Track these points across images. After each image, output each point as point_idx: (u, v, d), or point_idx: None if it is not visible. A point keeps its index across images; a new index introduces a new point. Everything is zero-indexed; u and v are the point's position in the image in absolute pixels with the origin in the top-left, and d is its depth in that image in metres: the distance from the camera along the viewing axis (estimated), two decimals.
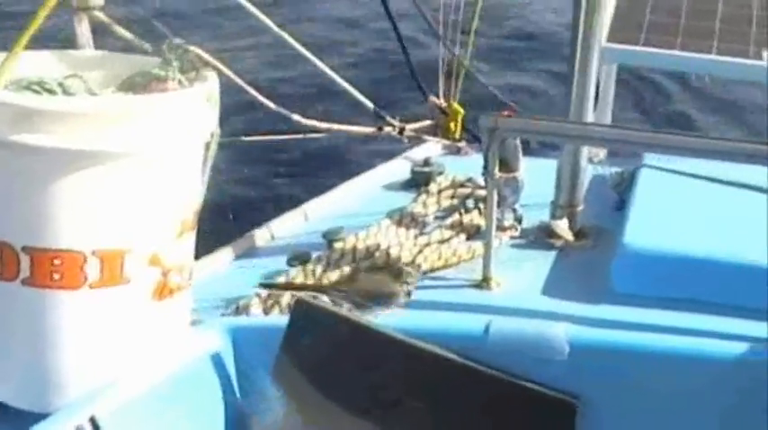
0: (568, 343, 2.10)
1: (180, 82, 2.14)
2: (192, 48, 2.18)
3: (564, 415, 2.07)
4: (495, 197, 2.58)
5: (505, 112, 2.53)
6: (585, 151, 2.93)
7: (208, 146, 2.15)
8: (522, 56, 8.91)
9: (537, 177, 2.97)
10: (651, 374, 2.10)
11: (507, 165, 2.67)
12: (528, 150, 3.39)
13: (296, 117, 3.07)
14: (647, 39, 3.97)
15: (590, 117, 2.89)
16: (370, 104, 3.53)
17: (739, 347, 2.13)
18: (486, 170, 2.50)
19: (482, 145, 2.53)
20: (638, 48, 3.91)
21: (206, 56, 2.20)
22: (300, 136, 3.26)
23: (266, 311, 2.48)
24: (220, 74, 2.20)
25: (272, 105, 2.94)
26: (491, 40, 8.19)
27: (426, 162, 3.44)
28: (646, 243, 2.57)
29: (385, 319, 2.26)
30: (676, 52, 3.91)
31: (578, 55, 2.83)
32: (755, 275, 2.45)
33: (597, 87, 3.07)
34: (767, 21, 4.05)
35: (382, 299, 2.32)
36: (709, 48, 3.91)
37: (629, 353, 2.13)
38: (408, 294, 2.33)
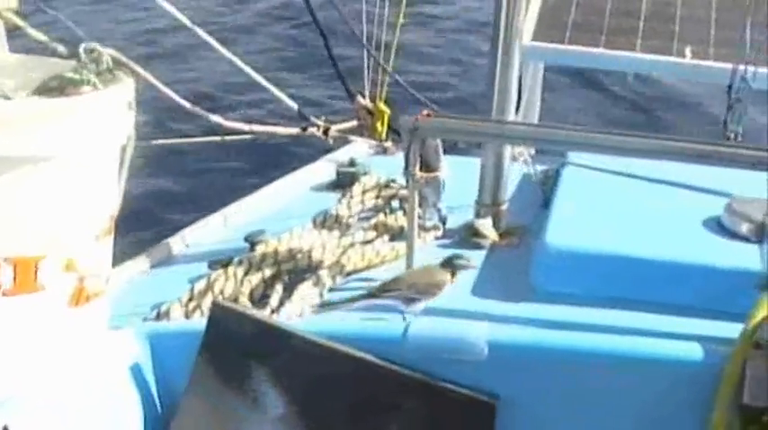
0: (487, 343, 2.14)
1: (95, 85, 2.15)
2: (107, 50, 2.19)
3: (483, 415, 2.11)
4: (417, 197, 2.63)
5: (425, 113, 2.58)
6: (509, 150, 2.99)
7: (124, 149, 2.17)
8: (451, 54, 9.00)
9: (465, 176, 3.03)
10: (570, 373, 2.14)
11: (428, 166, 2.72)
12: (458, 149, 3.46)
13: (216, 118, 3.09)
14: (571, 37, 4.06)
15: (512, 116, 2.95)
16: (293, 105, 3.56)
17: (658, 345, 2.19)
18: (407, 170, 2.55)
19: (402, 145, 2.59)
20: (562, 46, 4.01)
21: (122, 58, 2.22)
22: (220, 138, 3.27)
23: (188, 316, 2.50)
24: (137, 76, 2.22)
25: (190, 107, 2.95)
26: (418, 38, 8.27)
27: (351, 162, 3.49)
28: (566, 241, 2.63)
29: (305, 322, 2.30)
30: (600, 50, 4.01)
31: (499, 54, 2.88)
32: (674, 272, 2.53)
33: (520, 86, 3.13)
34: (690, 18, 4.16)
35: (431, 289, 2.41)
36: (633, 45, 4.01)
37: (547, 352, 2.17)
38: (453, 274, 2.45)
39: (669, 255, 2.57)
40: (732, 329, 2.11)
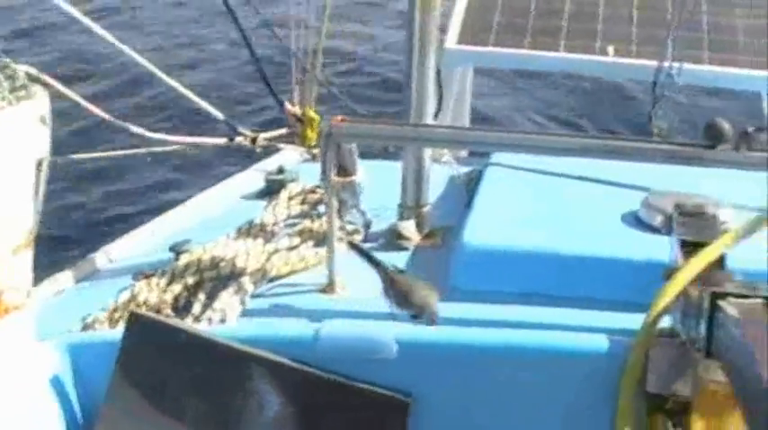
0: (396, 342, 2.21)
1: (10, 101, 2.19)
2: (21, 66, 2.24)
3: (395, 413, 2.16)
4: (335, 202, 2.69)
5: (339, 118, 2.64)
6: (428, 152, 3.05)
7: (40, 164, 2.22)
8: (383, 58, 9.08)
9: (391, 180, 3.10)
10: (480, 369, 2.20)
11: (345, 170, 2.79)
12: (389, 154, 3.52)
13: (139, 130, 3.12)
14: (496, 40, 4.16)
15: (430, 118, 3.02)
16: (219, 115, 3.61)
17: (566, 338, 2.26)
18: (323, 176, 2.62)
19: (319, 151, 2.65)
20: (486, 49, 4.10)
21: (36, 72, 2.26)
22: (146, 150, 3.31)
23: (112, 326, 2.55)
24: (54, 90, 2.26)
25: (112, 119, 2.98)
26: (347, 43, 8.32)
27: (280, 170, 3.54)
28: (483, 239, 2.70)
29: (221, 328, 2.36)
30: (525, 51, 4.10)
31: (415, 57, 2.93)
32: (590, 266, 2.61)
33: (441, 89, 3.19)
34: (613, 17, 4.27)
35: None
36: (557, 46, 4.11)
37: (457, 349, 2.23)
38: None
39: (585, 250, 2.65)
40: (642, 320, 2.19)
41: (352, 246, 2.71)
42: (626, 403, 2.09)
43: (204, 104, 3.46)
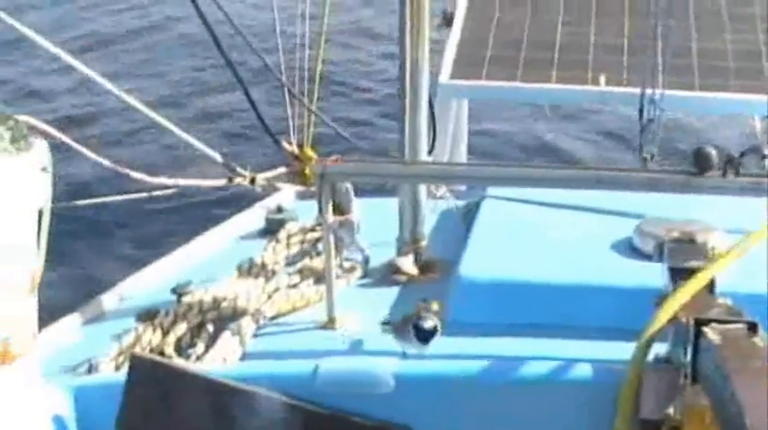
0: (393, 376, 2.27)
1: (11, 152, 2.26)
2: (21, 117, 2.31)
3: None
4: (332, 240, 2.76)
5: (333, 158, 2.71)
6: (424, 187, 3.12)
7: (41, 212, 2.28)
8: (376, 96, 9.14)
9: (389, 216, 3.16)
10: (477, 400, 2.27)
11: (341, 209, 2.86)
12: (385, 189, 3.58)
13: (138, 175, 3.16)
14: (488, 73, 4.23)
15: (424, 155, 3.08)
16: (218, 157, 3.66)
17: (563, 368, 2.32)
18: (320, 215, 2.69)
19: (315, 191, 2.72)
20: (479, 83, 4.17)
21: (36, 122, 2.33)
22: (147, 194, 3.36)
23: (117, 369, 2.61)
24: (53, 138, 2.33)
25: (111, 165, 3.03)
26: (342, 82, 8.38)
27: (279, 209, 3.61)
28: (479, 272, 2.76)
29: (221, 367, 2.42)
30: (517, 84, 4.18)
31: (407, 95, 3.00)
32: (586, 296, 2.66)
33: (434, 125, 3.27)
34: (603, 46, 4.35)
35: None
36: (548, 77, 4.19)
37: (453, 381, 2.30)
38: None
39: (581, 280, 2.70)
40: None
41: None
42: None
43: (201, 146, 3.50)
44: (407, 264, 3.05)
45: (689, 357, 1.96)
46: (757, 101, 4.12)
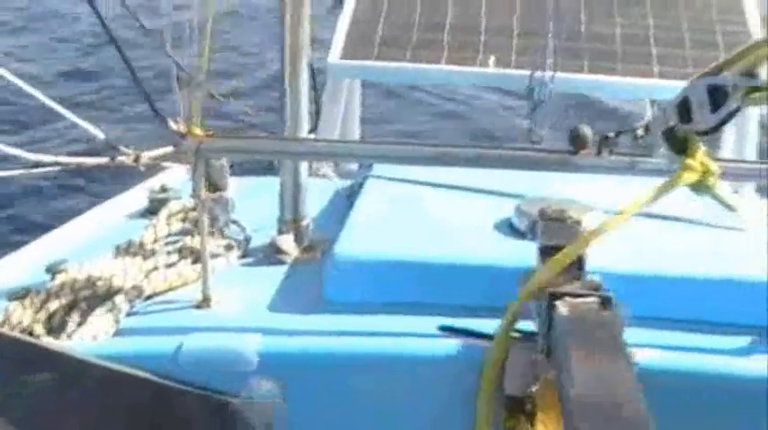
0: (257, 354, 2.30)
1: None
2: None
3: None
4: (206, 218, 2.76)
5: (208, 133, 2.72)
6: (305, 166, 3.14)
7: None
8: (268, 72, 9.10)
9: (272, 195, 3.17)
10: (341, 377, 2.31)
11: (215, 185, 2.87)
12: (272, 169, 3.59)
13: (16, 151, 3.12)
14: (379, 53, 4.27)
15: (304, 133, 3.10)
16: (100, 134, 3.63)
17: (435, 345, 2.36)
18: (194, 192, 2.70)
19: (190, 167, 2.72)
20: (368, 63, 4.21)
21: None
22: (26, 170, 3.30)
23: None
24: None
25: None
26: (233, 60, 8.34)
27: (163, 188, 3.60)
28: (354, 250, 2.79)
29: (92, 345, 2.42)
30: (407, 65, 4.22)
31: (287, 71, 3.02)
32: (460, 274, 2.71)
33: (318, 103, 3.29)
34: (494, 28, 4.41)
35: None
36: (438, 58, 4.23)
37: (316, 358, 2.34)
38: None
39: (454, 258, 2.74)
40: None
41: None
42: (484, 406, 2.20)
43: (85, 124, 3.46)
44: (287, 244, 3.07)
45: (544, 332, 2.01)
46: (645, 84, 4.23)
